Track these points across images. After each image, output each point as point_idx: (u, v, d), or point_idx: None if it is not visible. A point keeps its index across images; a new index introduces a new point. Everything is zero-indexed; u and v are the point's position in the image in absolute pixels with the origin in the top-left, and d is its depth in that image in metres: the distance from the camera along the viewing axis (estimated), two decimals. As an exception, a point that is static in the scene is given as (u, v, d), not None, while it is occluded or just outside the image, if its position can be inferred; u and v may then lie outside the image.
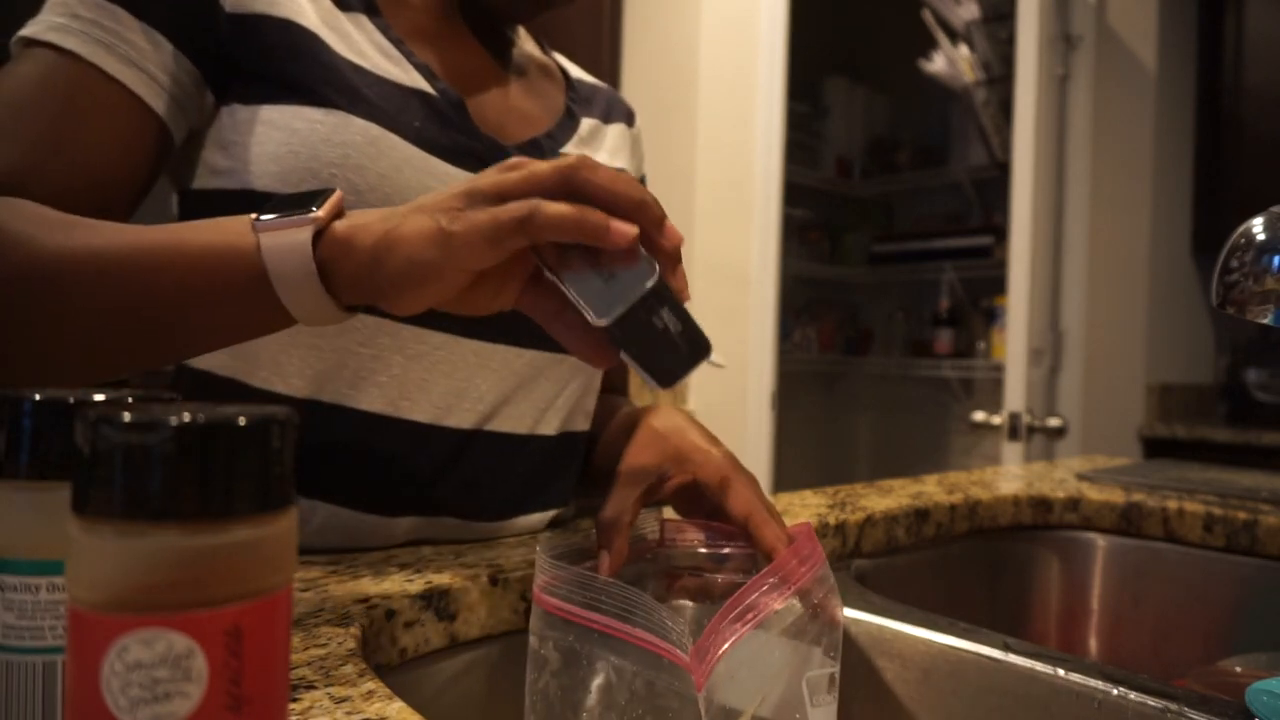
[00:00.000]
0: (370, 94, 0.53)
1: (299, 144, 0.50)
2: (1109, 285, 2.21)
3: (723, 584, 0.50)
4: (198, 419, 0.19)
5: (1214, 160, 2.31)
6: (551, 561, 0.43)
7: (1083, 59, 2.15)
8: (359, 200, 0.51)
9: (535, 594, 0.43)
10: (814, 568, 0.46)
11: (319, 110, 0.51)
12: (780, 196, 2.18)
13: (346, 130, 0.51)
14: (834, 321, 3.07)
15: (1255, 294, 0.57)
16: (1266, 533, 0.74)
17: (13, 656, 0.24)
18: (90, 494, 0.19)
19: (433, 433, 0.56)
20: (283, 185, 0.51)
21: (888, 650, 0.54)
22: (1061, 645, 0.82)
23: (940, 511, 0.75)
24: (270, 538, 0.20)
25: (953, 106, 2.80)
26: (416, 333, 0.54)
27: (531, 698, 0.43)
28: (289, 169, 0.50)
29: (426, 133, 0.55)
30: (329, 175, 0.50)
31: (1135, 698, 0.43)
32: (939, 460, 2.92)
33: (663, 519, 0.52)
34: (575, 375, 0.63)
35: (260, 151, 0.51)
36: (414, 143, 0.53)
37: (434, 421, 0.56)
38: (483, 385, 0.57)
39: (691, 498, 0.54)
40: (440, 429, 0.56)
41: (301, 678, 0.34)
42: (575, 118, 0.68)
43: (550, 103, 0.68)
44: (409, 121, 0.54)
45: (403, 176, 0.52)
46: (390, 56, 0.56)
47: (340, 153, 0.51)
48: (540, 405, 0.61)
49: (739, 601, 0.43)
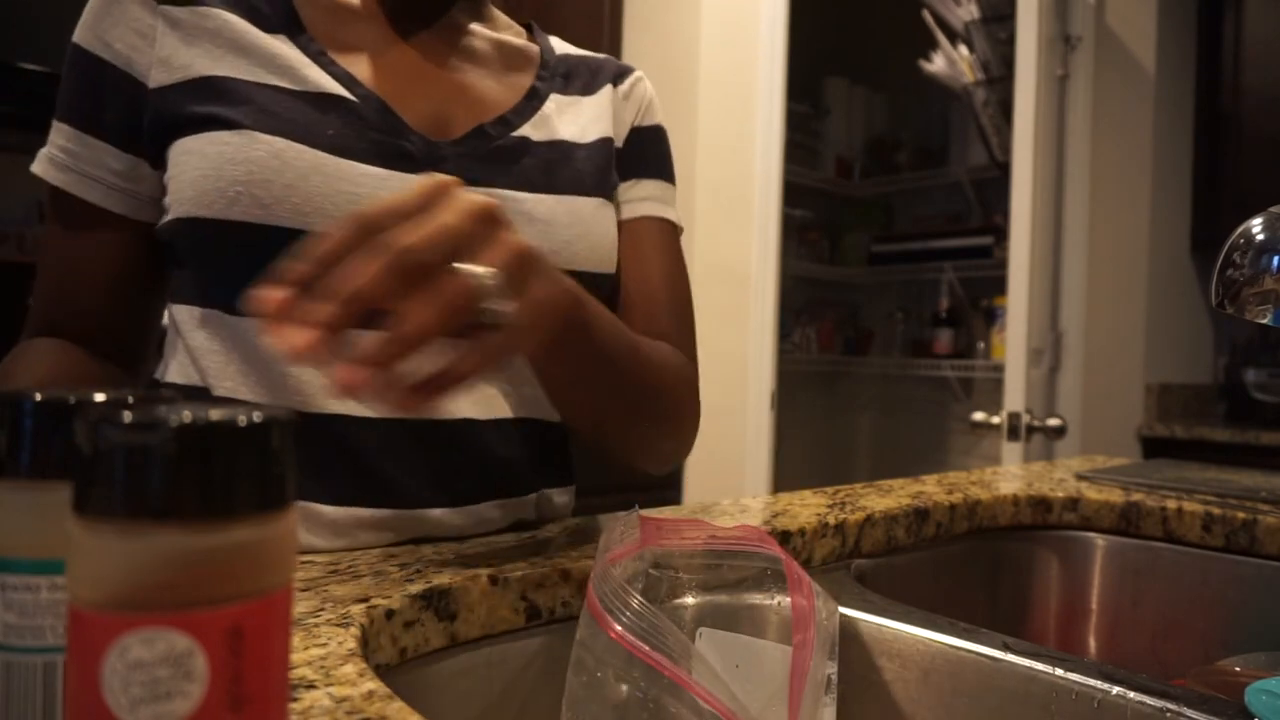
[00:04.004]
0: (280, 109, 0.55)
1: (209, 167, 0.53)
2: (1108, 285, 2.21)
3: (721, 582, 0.50)
4: (198, 419, 0.19)
5: (1213, 160, 2.31)
6: (626, 588, 0.43)
7: (1082, 59, 2.15)
8: (266, 214, 0.53)
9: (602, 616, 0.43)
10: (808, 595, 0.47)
11: (228, 132, 0.54)
12: (780, 196, 2.18)
13: (251, 147, 0.53)
14: (834, 321, 3.07)
15: (1254, 294, 0.57)
16: (1265, 532, 0.74)
17: (13, 656, 0.24)
18: (91, 494, 0.19)
19: (381, 425, 0.56)
20: (199, 209, 0.53)
21: (887, 650, 0.54)
22: (1061, 645, 0.82)
23: (940, 511, 0.75)
24: (271, 538, 0.20)
25: (953, 106, 2.80)
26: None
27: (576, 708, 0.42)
28: (201, 192, 0.53)
29: (342, 139, 0.56)
30: (234, 194, 0.52)
31: (1134, 697, 0.43)
32: (939, 460, 2.92)
33: (656, 519, 0.52)
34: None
35: (182, 180, 0.55)
36: (326, 150, 0.55)
37: (383, 415, 0.56)
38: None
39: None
40: (389, 421, 0.56)
41: (301, 677, 0.34)
42: (540, 96, 0.67)
43: (513, 85, 0.67)
44: (322, 131, 0.56)
45: (310, 184, 0.54)
46: (310, 70, 0.58)
47: (245, 170, 0.53)
48: (489, 391, 0.61)
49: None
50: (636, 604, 0.42)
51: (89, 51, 0.57)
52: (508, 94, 0.66)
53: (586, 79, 0.71)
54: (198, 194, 0.53)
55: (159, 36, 0.57)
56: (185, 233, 0.55)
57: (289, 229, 0.53)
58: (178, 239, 0.56)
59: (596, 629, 0.42)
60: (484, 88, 0.65)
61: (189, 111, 0.55)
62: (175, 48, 0.56)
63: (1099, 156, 2.20)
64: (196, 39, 0.56)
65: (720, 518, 0.66)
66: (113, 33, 0.57)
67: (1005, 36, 2.41)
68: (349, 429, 0.56)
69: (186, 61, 0.56)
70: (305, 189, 0.53)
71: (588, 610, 0.43)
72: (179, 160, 0.55)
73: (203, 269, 0.56)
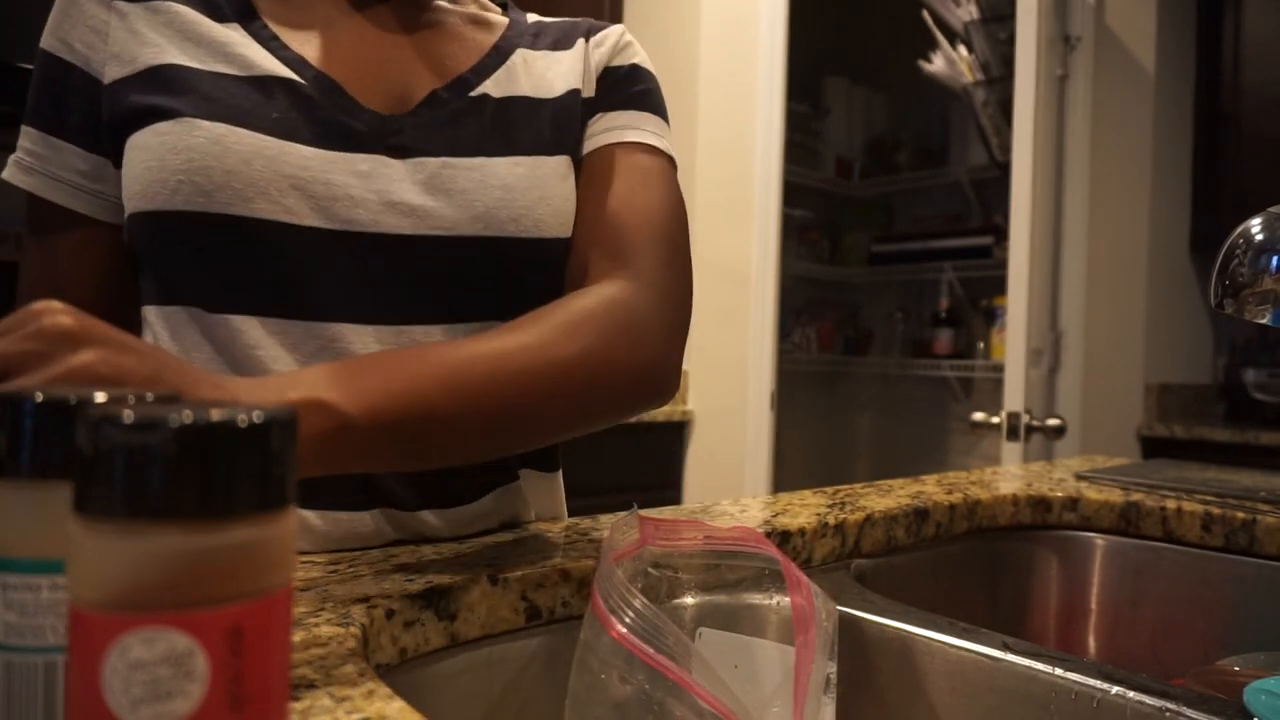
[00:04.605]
0: (222, 95, 0.54)
1: (151, 159, 0.53)
2: (1108, 285, 2.21)
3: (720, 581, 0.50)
4: (199, 419, 0.19)
5: (1212, 160, 2.31)
6: (629, 589, 0.43)
7: (1082, 59, 2.15)
8: (208, 201, 0.52)
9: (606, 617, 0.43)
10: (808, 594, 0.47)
11: (167, 123, 0.53)
12: (780, 196, 2.18)
13: (191, 135, 0.52)
14: (833, 321, 3.07)
15: (1253, 294, 0.57)
16: (1265, 532, 0.74)
17: (14, 656, 0.24)
18: (91, 493, 0.19)
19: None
20: (145, 203, 0.53)
21: (887, 650, 0.54)
22: (1060, 644, 0.82)
23: (939, 511, 0.75)
24: (270, 537, 0.20)
25: (952, 107, 2.80)
26: (307, 327, 0.54)
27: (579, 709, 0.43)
28: (146, 185, 0.53)
29: (287, 122, 0.55)
30: (175, 184, 0.52)
31: (1134, 697, 0.43)
32: (938, 460, 2.92)
33: (654, 519, 0.53)
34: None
35: (130, 175, 0.54)
36: (270, 133, 0.54)
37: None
38: None
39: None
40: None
41: (302, 677, 0.34)
42: (503, 53, 0.64)
43: (478, 45, 0.65)
44: (266, 114, 0.55)
45: (252, 169, 0.53)
46: (258, 54, 0.57)
47: (184, 158, 0.52)
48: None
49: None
50: (639, 604, 0.42)
51: (52, 54, 0.57)
52: (469, 55, 0.63)
53: (558, 36, 0.67)
54: (143, 188, 0.53)
55: (111, 31, 0.56)
56: (137, 229, 0.55)
57: (233, 215, 0.52)
58: (133, 237, 0.56)
59: (600, 629, 0.42)
60: (444, 53, 0.63)
61: (137, 104, 0.55)
62: (126, 41, 0.56)
63: (1099, 156, 2.20)
64: (147, 31, 0.56)
65: (720, 518, 0.66)
66: (73, 33, 0.57)
67: (1005, 36, 2.41)
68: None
69: (135, 54, 0.56)
70: (248, 174, 0.52)
71: (592, 611, 0.43)
72: (129, 156, 0.55)
73: (157, 266, 0.56)
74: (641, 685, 0.41)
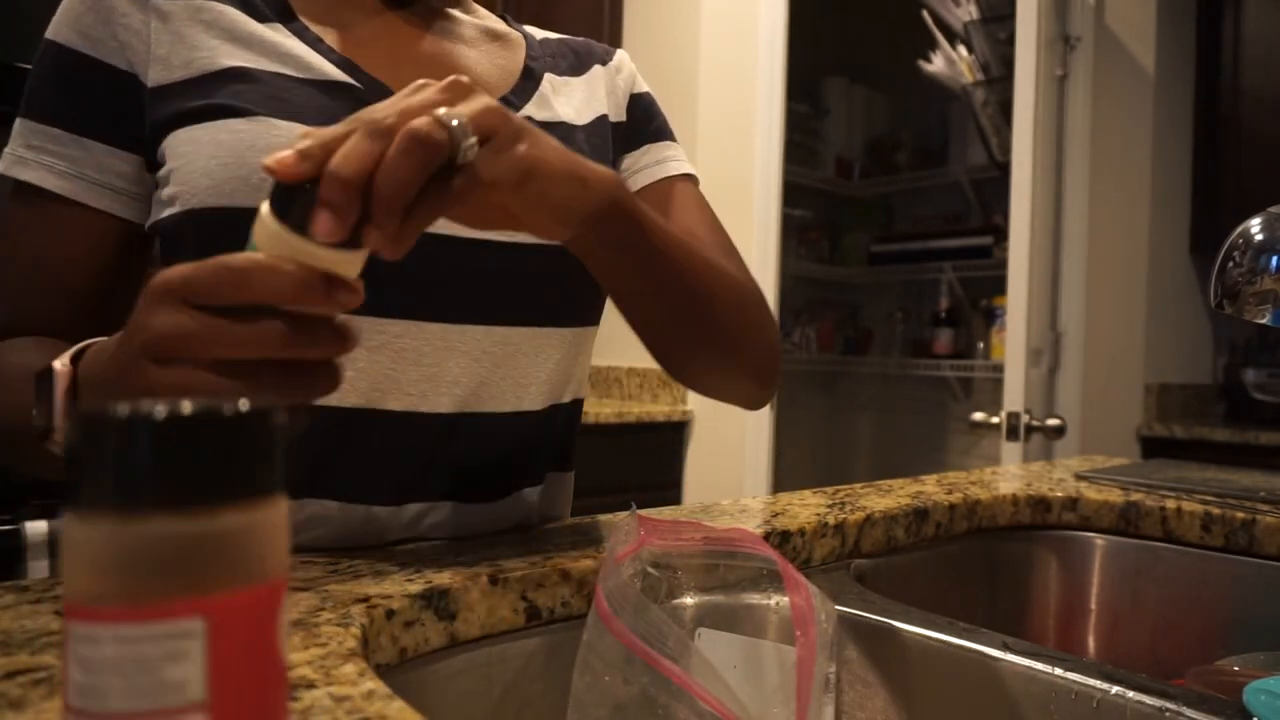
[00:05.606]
0: (291, 97, 0.55)
1: (226, 155, 0.52)
2: (1108, 285, 2.21)
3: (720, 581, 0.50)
4: (181, 410, 0.19)
5: (1212, 160, 2.31)
6: (632, 589, 0.43)
7: (1081, 60, 2.15)
8: None
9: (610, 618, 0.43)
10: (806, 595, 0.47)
11: (242, 120, 0.53)
12: (780, 196, 2.18)
13: (271, 134, 0.52)
14: (833, 321, 3.07)
15: (1253, 294, 0.57)
16: (1264, 532, 0.74)
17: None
18: (78, 488, 0.19)
19: (413, 420, 0.56)
20: (216, 198, 0.52)
21: (887, 650, 0.54)
22: (1060, 644, 0.82)
23: (939, 511, 0.75)
24: (259, 525, 0.21)
25: (952, 107, 2.80)
26: (373, 322, 0.55)
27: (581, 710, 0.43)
28: (220, 181, 0.52)
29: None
30: (259, 180, 0.51)
31: (1133, 696, 0.44)
32: (938, 460, 2.92)
33: (652, 519, 0.53)
34: (556, 347, 0.62)
35: (192, 169, 0.53)
36: None
37: (411, 409, 0.56)
38: (455, 369, 0.58)
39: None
40: (420, 415, 0.57)
41: (301, 677, 0.34)
42: (535, 77, 0.67)
43: (507, 66, 0.67)
44: (334, 117, 0.55)
45: None
46: (311, 57, 0.57)
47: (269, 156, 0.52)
48: (522, 382, 0.61)
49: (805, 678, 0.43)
50: (642, 605, 0.42)
51: (70, 49, 0.55)
52: (503, 76, 0.66)
53: (573, 60, 0.71)
54: (215, 183, 0.52)
55: (153, 34, 0.56)
56: (200, 223, 0.53)
57: None
58: (183, 232, 0.54)
59: (603, 630, 0.42)
60: (480, 70, 0.65)
61: (196, 104, 0.54)
62: (172, 45, 0.56)
63: (1098, 156, 2.20)
64: (195, 33, 0.56)
65: (720, 518, 0.66)
66: (102, 30, 0.55)
67: (1005, 36, 2.41)
68: (373, 422, 0.56)
69: (187, 58, 0.55)
70: None
71: (595, 611, 0.43)
72: (183, 152, 0.54)
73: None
74: (644, 686, 0.41)
